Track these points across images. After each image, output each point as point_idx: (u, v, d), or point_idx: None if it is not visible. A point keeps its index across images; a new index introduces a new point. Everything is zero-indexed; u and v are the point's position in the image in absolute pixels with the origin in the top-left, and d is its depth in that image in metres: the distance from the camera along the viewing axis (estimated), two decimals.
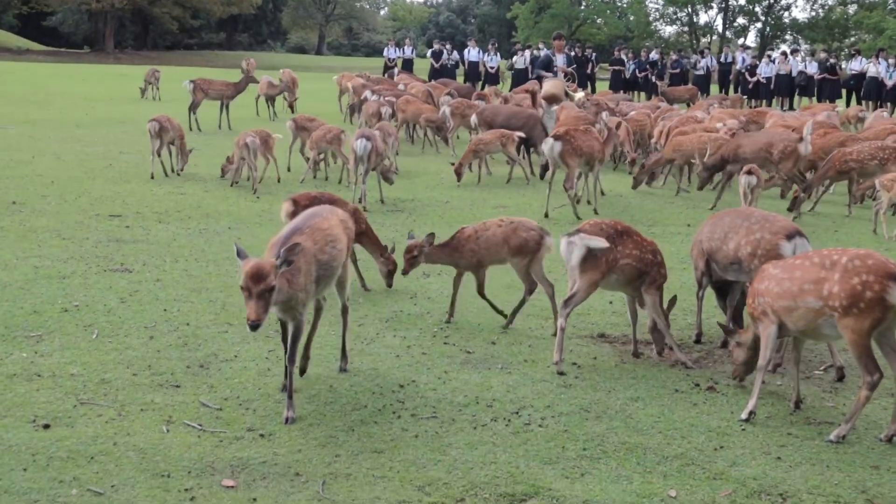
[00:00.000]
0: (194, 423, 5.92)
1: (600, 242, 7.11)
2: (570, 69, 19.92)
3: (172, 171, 15.49)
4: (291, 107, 24.46)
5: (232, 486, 5.13)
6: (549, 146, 13.12)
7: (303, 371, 6.76)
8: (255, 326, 5.41)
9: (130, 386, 6.47)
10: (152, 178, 15.00)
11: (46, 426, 5.77)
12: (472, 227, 8.31)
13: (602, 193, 14.60)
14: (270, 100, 25.40)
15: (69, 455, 5.39)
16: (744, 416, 6.28)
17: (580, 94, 20.16)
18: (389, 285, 9.18)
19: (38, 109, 25.06)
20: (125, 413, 6.05)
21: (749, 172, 12.76)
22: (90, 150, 17.94)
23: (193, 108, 22.11)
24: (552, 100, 17.90)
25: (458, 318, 8.36)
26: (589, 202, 14.16)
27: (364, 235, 9.17)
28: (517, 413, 6.28)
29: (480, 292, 8.30)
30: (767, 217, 7.55)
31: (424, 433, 5.91)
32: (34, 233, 10.92)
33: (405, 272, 8.36)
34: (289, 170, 16.45)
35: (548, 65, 19.38)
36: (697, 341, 8.02)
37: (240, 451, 5.53)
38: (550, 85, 18.19)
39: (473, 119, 18.26)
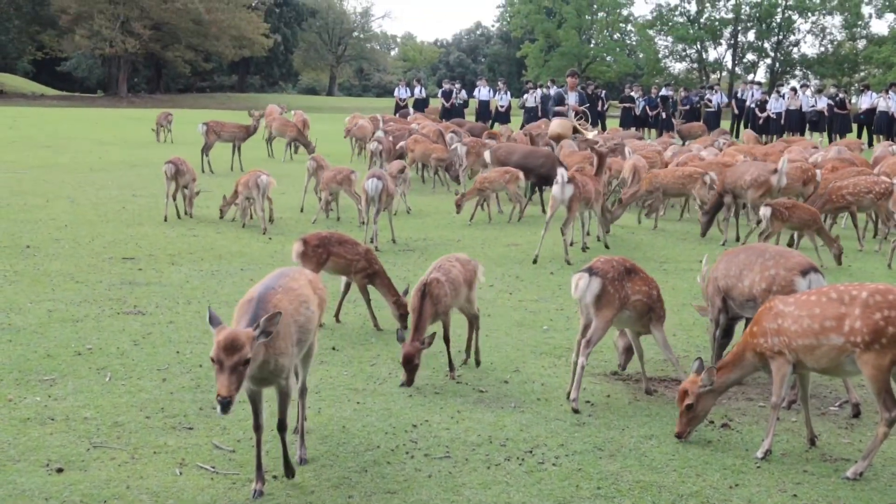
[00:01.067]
0: (207, 465, 5.92)
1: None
2: (582, 108, 19.59)
3: (185, 213, 15.56)
4: (307, 146, 24.60)
5: (253, 489, 5.11)
6: (560, 187, 12.72)
7: (298, 464, 5.99)
8: (225, 403, 4.83)
9: (143, 429, 6.47)
10: (165, 220, 15.08)
11: (60, 470, 5.78)
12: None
13: (607, 232, 14.58)
14: (287, 136, 25.58)
15: (82, 499, 5.39)
16: (759, 454, 6.24)
17: (593, 133, 19.85)
18: (404, 328, 9.08)
19: (51, 154, 25.26)
20: (138, 456, 6.05)
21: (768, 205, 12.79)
22: (103, 194, 18.06)
23: (206, 150, 22.27)
24: (558, 139, 17.93)
25: (470, 358, 8.34)
26: (598, 238, 14.13)
27: (377, 276, 9.19)
28: (531, 452, 6.26)
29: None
30: (782, 253, 7.55)
31: (437, 473, 5.89)
32: (48, 276, 10.97)
33: (409, 382, 7.46)
34: (301, 210, 16.52)
35: (559, 102, 19.37)
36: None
37: (251, 494, 5.51)
38: (557, 124, 18.25)
39: (487, 156, 17.85)
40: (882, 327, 5.78)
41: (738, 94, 39.18)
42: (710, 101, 38.07)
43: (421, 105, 39.38)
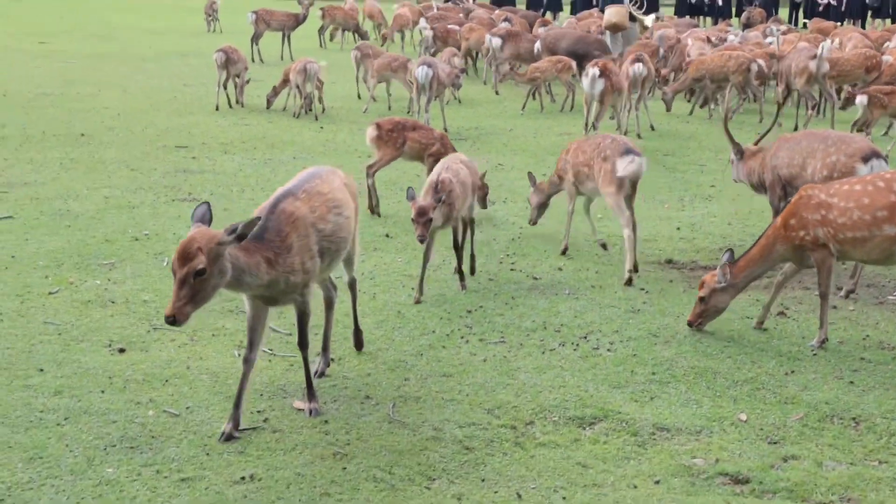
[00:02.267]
0: (265, 347, 6.00)
1: None
2: None
3: (237, 102, 15.52)
4: (362, 36, 24.58)
5: (303, 409, 5.20)
6: (590, 81, 12.44)
7: (320, 372, 5.66)
8: (171, 321, 4.35)
9: (201, 312, 6.54)
10: (217, 109, 15.06)
11: (122, 350, 5.90)
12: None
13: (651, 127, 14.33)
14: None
15: (145, 378, 5.51)
16: (815, 343, 6.19)
17: (650, 19, 18.96)
18: (484, 207, 9.04)
19: (102, 43, 25.22)
20: (197, 338, 6.15)
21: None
22: (155, 83, 18.05)
23: (256, 39, 22.09)
24: (615, 28, 17.15)
25: (524, 245, 8.32)
26: (639, 135, 13.78)
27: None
28: (585, 338, 6.27)
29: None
30: (843, 138, 7.37)
31: (493, 357, 5.93)
32: (103, 164, 11.05)
33: (422, 238, 6.70)
34: (359, 97, 16.44)
35: None
36: None
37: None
38: (612, 13, 17.30)
39: (537, 46, 17.37)
40: None
41: None
42: None
43: None
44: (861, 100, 12.28)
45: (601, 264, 7.87)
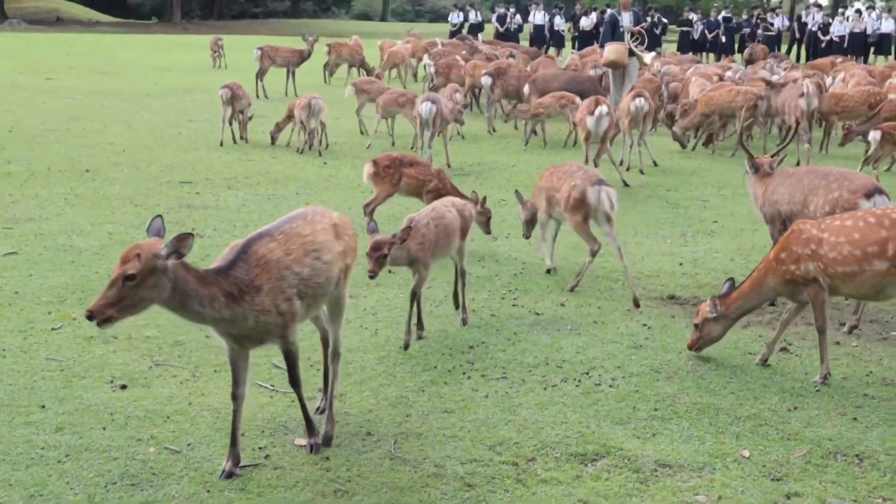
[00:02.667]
0: (267, 383, 6.00)
1: None
2: (637, 28, 17.90)
3: (241, 138, 15.60)
4: (368, 71, 24.76)
5: (304, 445, 5.19)
6: (596, 120, 12.26)
7: (327, 440, 5.27)
8: (89, 317, 4.29)
9: (203, 348, 6.56)
10: (221, 145, 15.14)
11: (124, 387, 5.90)
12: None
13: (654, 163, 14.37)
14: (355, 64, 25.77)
15: (146, 414, 5.50)
16: (818, 379, 6.18)
17: (650, 56, 18.56)
18: (488, 232, 9.04)
19: (108, 79, 25.40)
20: (199, 374, 6.15)
21: None
22: (159, 119, 18.16)
23: (261, 75, 22.26)
24: (613, 65, 16.88)
25: (527, 280, 8.33)
26: (642, 171, 13.79)
27: (451, 195, 9.15)
28: (587, 374, 6.26)
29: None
30: (845, 175, 7.38)
31: (495, 393, 5.92)
32: (107, 200, 11.10)
33: (372, 275, 6.20)
34: (361, 132, 16.54)
35: (613, 26, 17.75)
36: (772, 303, 7.87)
37: (312, 411, 5.58)
38: (610, 50, 16.95)
39: (526, 88, 17.27)
40: None
41: (801, 18, 38.18)
42: (770, 24, 37.12)
43: (475, 30, 38.94)
44: (874, 135, 12.33)
45: (604, 300, 7.87)
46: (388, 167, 9.27)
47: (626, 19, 17.68)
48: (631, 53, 16.95)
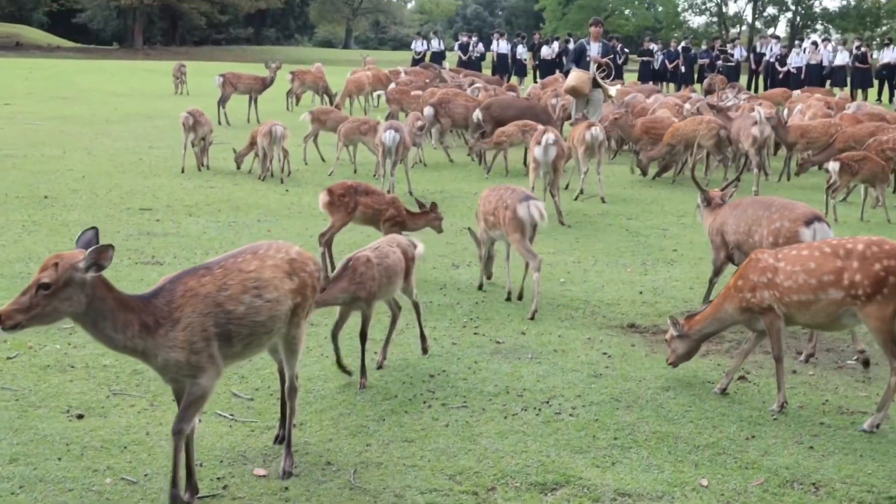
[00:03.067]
0: (226, 413, 5.96)
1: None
2: (605, 59, 17.42)
3: (202, 164, 15.54)
4: (331, 98, 24.75)
5: (264, 476, 5.16)
6: (543, 150, 12.05)
7: (286, 474, 5.14)
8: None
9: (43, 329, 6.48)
10: (182, 171, 15.07)
11: (80, 416, 5.83)
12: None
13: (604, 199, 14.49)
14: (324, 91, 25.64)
15: (103, 445, 5.44)
16: (775, 407, 6.23)
17: (615, 88, 18.18)
18: (440, 231, 9.50)
19: (67, 105, 25.24)
20: (157, 403, 6.09)
21: None
22: (120, 145, 18.06)
23: (223, 101, 22.20)
24: (574, 93, 16.71)
25: (488, 309, 8.35)
26: (603, 199, 13.87)
27: (406, 224, 9.19)
28: (548, 402, 6.27)
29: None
30: (786, 205, 7.60)
31: (455, 422, 5.92)
32: (66, 227, 11.00)
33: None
34: (322, 159, 16.54)
35: (579, 54, 17.44)
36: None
37: (271, 441, 5.55)
38: (573, 77, 16.71)
39: (476, 115, 16.88)
40: (883, 278, 5.77)
41: (757, 49, 38.71)
42: (730, 55, 37.59)
43: (437, 58, 39.13)
44: (833, 167, 12.52)
45: (564, 328, 7.91)
46: (343, 195, 9.24)
47: (594, 49, 17.40)
48: (596, 84, 16.81)
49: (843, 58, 34.59)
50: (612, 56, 18.43)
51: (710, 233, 8.26)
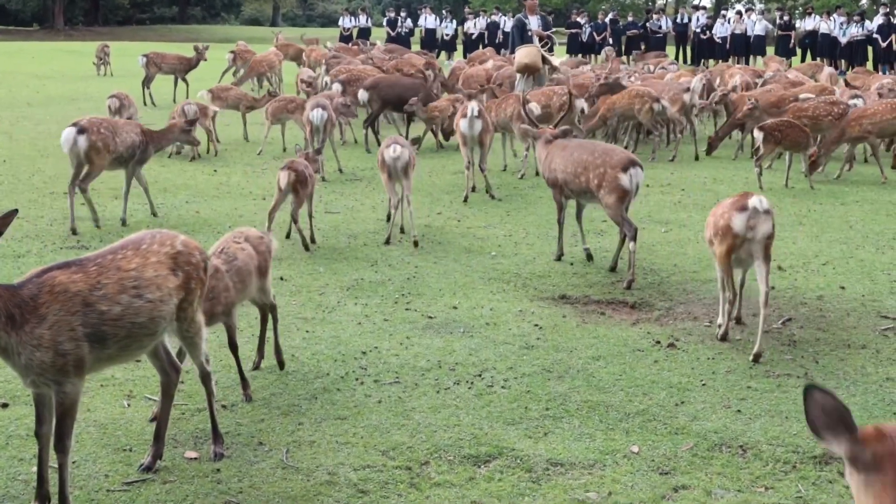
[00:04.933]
0: (155, 396, 5.87)
1: None
2: (546, 33, 16.94)
3: None
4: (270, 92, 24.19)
5: (195, 458, 5.12)
6: (468, 122, 11.81)
7: (218, 456, 5.07)
8: None
9: None
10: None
11: (5, 405, 5.73)
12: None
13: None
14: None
15: (28, 433, 5.34)
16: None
17: (558, 60, 17.82)
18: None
19: None
20: (85, 389, 5.95)
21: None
22: (42, 129, 17.66)
23: (147, 82, 21.83)
24: (527, 70, 15.93)
25: (419, 284, 8.35)
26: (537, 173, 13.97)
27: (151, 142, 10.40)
28: (480, 376, 6.30)
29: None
30: (608, 150, 8.70)
31: (387, 398, 5.91)
32: None
33: None
34: (246, 139, 16.36)
35: (521, 30, 16.86)
36: (558, 259, 9.17)
37: (202, 423, 5.50)
38: (523, 54, 15.96)
39: (362, 95, 16.17)
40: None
41: (678, 20, 39.11)
42: (658, 26, 37.94)
43: (365, 34, 38.91)
44: (758, 135, 12.68)
45: (496, 301, 7.93)
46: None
47: (533, 23, 16.90)
48: (543, 60, 16.18)
49: (761, 27, 35.09)
50: (552, 29, 17.95)
51: (543, 171, 9.24)
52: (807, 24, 35.43)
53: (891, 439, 2.28)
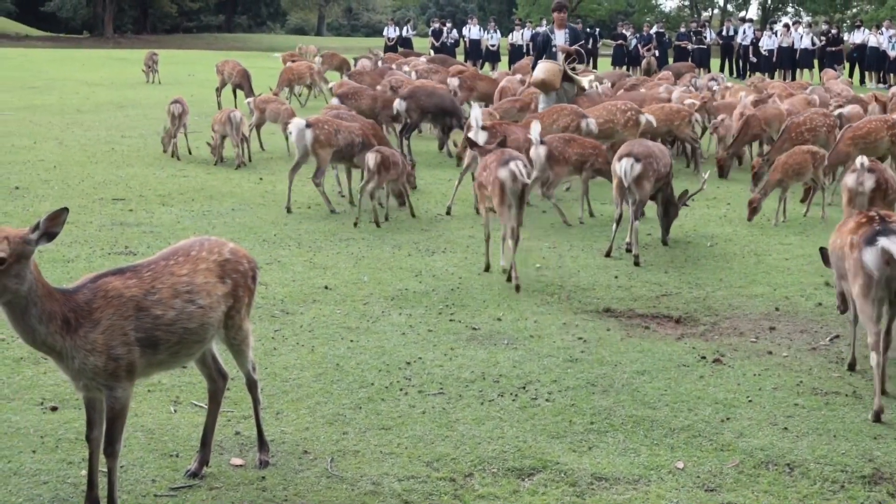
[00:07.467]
0: (202, 402, 5.93)
1: None
2: (574, 48, 15.68)
3: (172, 154, 15.45)
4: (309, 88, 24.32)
5: (241, 465, 5.15)
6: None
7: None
8: None
9: None
10: (178, 158, 15.20)
11: (54, 408, 5.80)
12: None
13: None
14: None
15: (77, 437, 5.40)
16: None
17: (588, 80, 16.61)
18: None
19: (38, 95, 24.99)
20: (133, 394, 6.04)
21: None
22: (92, 135, 17.90)
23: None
24: (544, 87, 15.02)
25: (464, 295, 8.35)
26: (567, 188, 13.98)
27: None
28: (524, 388, 6.29)
29: None
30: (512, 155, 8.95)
31: (431, 409, 5.92)
32: (37, 217, 10.83)
33: None
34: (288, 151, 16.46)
35: (546, 44, 15.72)
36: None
37: (248, 430, 5.54)
38: (542, 69, 15.01)
39: (399, 105, 15.54)
40: None
41: (724, 32, 38.88)
42: (704, 37, 37.74)
43: (409, 45, 39.04)
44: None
45: (540, 314, 7.92)
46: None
47: (559, 37, 15.73)
48: (567, 77, 15.13)
49: (807, 41, 34.79)
50: (581, 42, 17.11)
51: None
52: (855, 37, 35.05)
53: None
